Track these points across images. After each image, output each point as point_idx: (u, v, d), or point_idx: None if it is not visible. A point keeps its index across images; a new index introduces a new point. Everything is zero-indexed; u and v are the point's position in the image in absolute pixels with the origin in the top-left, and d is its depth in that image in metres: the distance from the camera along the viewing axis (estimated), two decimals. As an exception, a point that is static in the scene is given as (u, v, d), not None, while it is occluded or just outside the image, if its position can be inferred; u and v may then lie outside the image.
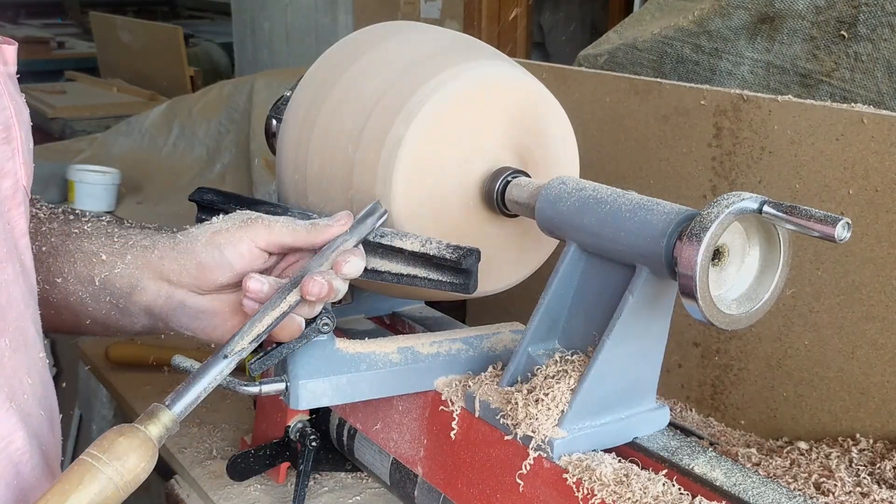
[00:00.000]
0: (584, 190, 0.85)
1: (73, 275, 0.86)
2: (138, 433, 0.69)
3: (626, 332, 0.80)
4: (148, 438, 0.69)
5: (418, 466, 0.97)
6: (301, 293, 0.81)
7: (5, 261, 0.70)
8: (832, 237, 0.68)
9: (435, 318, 1.13)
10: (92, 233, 0.88)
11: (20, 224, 0.73)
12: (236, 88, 3.01)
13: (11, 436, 0.69)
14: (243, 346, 0.79)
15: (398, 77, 0.93)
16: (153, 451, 0.69)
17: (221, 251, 0.85)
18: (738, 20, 1.37)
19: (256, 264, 0.86)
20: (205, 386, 0.77)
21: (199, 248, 0.85)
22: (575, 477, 0.77)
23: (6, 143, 0.71)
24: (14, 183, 0.72)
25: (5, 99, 0.71)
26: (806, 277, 1.11)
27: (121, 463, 0.66)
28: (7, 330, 0.70)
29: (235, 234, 0.85)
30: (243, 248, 0.85)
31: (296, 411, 1.12)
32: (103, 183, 2.63)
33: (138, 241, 0.87)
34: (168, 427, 0.71)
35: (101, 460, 0.66)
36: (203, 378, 0.77)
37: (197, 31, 6.25)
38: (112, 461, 0.66)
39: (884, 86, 1.22)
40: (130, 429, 0.69)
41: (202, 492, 1.20)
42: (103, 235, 0.88)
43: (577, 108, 1.30)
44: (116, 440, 0.67)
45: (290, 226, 0.86)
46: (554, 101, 0.98)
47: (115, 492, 0.65)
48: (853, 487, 0.97)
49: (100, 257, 0.86)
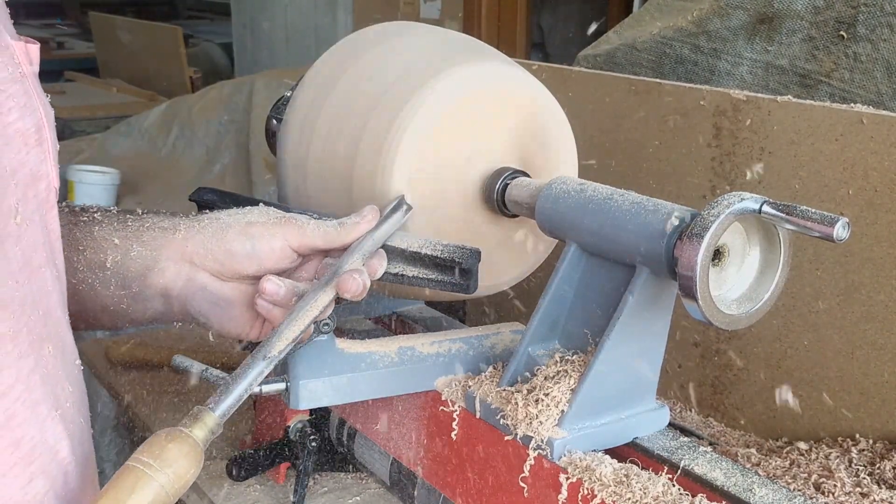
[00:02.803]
0: (584, 190, 0.85)
1: (82, 262, 0.85)
2: (187, 438, 0.67)
3: (626, 332, 0.80)
4: (196, 443, 0.68)
5: (418, 466, 0.97)
6: (338, 291, 0.81)
7: (45, 266, 0.69)
8: (831, 237, 0.68)
9: (435, 318, 1.13)
10: (102, 220, 0.87)
11: (55, 227, 0.72)
12: (236, 88, 3.01)
13: (58, 444, 0.68)
14: (281, 347, 0.79)
15: (398, 77, 0.93)
16: (200, 456, 0.68)
17: (254, 244, 0.84)
18: (737, 20, 1.37)
19: (284, 263, 0.86)
20: (245, 387, 0.76)
21: (231, 236, 0.85)
22: (575, 477, 0.77)
23: (38, 145, 0.69)
24: (47, 185, 0.70)
25: (35, 100, 0.69)
26: (806, 277, 1.11)
27: (172, 470, 0.65)
28: (50, 337, 0.68)
29: (270, 229, 0.85)
30: (276, 245, 0.85)
31: (296, 411, 1.12)
32: (103, 183, 2.63)
33: (156, 223, 0.86)
34: (212, 429, 0.70)
35: (152, 467, 0.64)
36: (244, 379, 0.76)
37: (197, 31, 6.24)
38: (164, 468, 0.64)
39: (883, 86, 1.22)
40: (179, 434, 0.67)
41: (202, 492, 1.20)
42: (115, 221, 0.87)
43: (577, 108, 1.30)
44: (166, 446, 0.66)
45: (321, 228, 0.86)
46: (553, 102, 0.98)
47: (166, 498, 0.64)
48: (853, 488, 0.97)
49: (112, 241, 0.85)
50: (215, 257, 0.85)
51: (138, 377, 1.55)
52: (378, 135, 0.91)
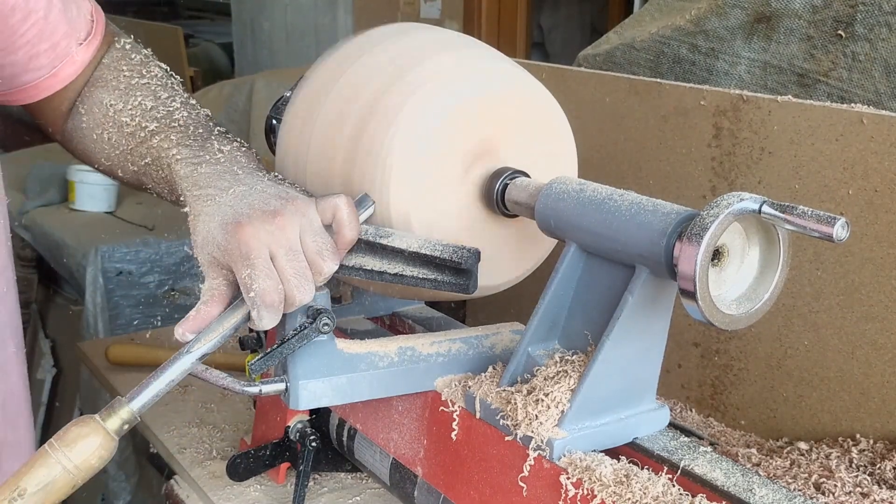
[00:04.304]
0: (584, 190, 0.85)
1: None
2: (91, 423, 0.76)
3: (626, 332, 0.80)
4: (100, 427, 0.76)
5: (418, 467, 0.97)
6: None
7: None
8: (831, 237, 0.68)
9: (435, 318, 1.13)
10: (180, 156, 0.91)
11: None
12: (236, 88, 3.01)
13: None
14: (205, 346, 0.81)
15: (398, 77, 0.93)
16: (105, 440, 0.76)
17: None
18: (735, 20, 1.37)
19: None
20: (166, 382, 0.80)
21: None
22: (575, 477, 0.77)
23: None
24: None
25: None
26: (806, 277, 1.11)
27: (69, 449, 0.74)
28: None
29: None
30: None
31: (296, 411, 1.12)
32: (103, 183, 2.63)
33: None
34: (125, 419, 0.77)
35: (53, 447, 0.74)
36: (163, 375, 0.80)
37: (197, 31, 6.24)
38: (62, 448, 0.74)
39: (881, 85, 1.22)
40: (85, 419, 0.76)
41: (202, 492, 1.20)
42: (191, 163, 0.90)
43: (577, 108, 1.30)
44: (70, 429, 0.75)
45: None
46: (553, 102, 0.98)
47: (64, 474, 0.73)
48: (853, 488, 0.97)
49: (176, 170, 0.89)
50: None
51: (138, 377, 1.54)
52: (377, 135, 0.91)
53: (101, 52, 1.03)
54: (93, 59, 1.02)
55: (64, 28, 0.98)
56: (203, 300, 0.82)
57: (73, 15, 0.99)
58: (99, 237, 2.48)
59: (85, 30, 1.01)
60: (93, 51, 1.02)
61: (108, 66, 1.02)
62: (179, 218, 0.89)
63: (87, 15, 1.02)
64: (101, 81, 1.01)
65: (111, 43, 1.05)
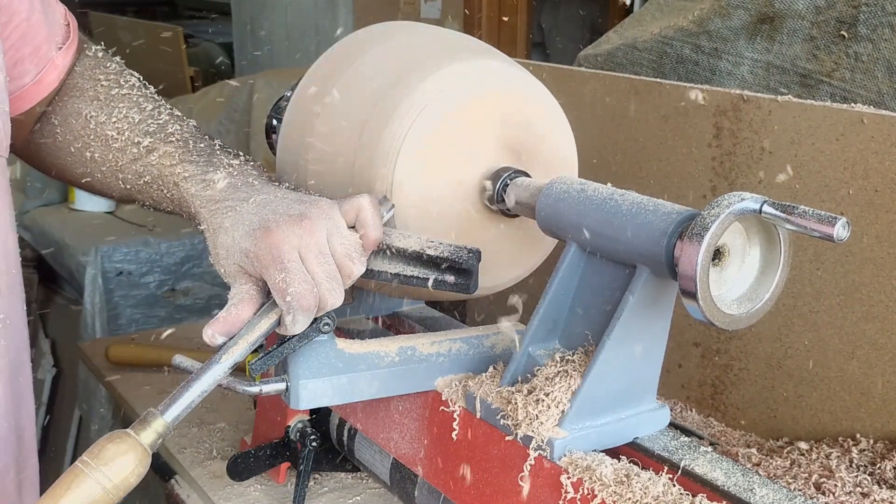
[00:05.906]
0: (584, 190, 0.85)
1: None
2: (127, 439, 0.72)
3: (626, 332, 0.80)
4: (137, 443, 0.72)
5: (418, 466, 0.97)
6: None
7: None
8: (831, 237, 0.68)
9: (435, 318, 1.13)
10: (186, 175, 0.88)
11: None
12: (236, 88, 3.01)
13: None
14: (236, 354, 0.80)
15: (398, 77, 0.93)
16: (142, 456, 0.72)
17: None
18: (738, 20, 1.37)
19: None
20: (199, 392, 0.78)
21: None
22: (575, 477, 0.77)
23: None
24: None
25: None
26: (806, 277, 1.11)
27: (108, 468, 0.70)
28: None
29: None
30: None
31: (296, 411, 1.12)
32: (103, 183, 2.63)
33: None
34: (160, 433, 0.74)
35: (89, 465, 0.70)
36: (196, 384, 0.78)
37: (197, 31, 6.23)
38: (100, 466, 0.70)
39: (884, 86, 1.22)
40: (120, 435, 0.72)
41: (202, 492, 1.20)
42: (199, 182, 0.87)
43: (577, 108, 1.30)
44: (105, 446, 0.71)
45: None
46: (553, 102, 0.98)
47: (103, 495, 0.69)
48: (853, 487, 0.97)
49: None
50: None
51: (138, 377, 1.55)
52: (378, 135, 0.91)
53: (74, 58, 0.98)
54: (70, 66, 0.97)
55: (44, 31, 0.93)
56: (233, 302, 0.81)
57: (50, 18, 0.95)
58: (99, 237, 2.48)
59: (61, 34, 0.97)
60: (71, 56, 0.97)
61: (81, 75, 0.97)
62: (180, 218, 0.89)
63: (60, 19, 0.97)
64: (76, 90, 0.96)
65: (82, 50, 1.00)
